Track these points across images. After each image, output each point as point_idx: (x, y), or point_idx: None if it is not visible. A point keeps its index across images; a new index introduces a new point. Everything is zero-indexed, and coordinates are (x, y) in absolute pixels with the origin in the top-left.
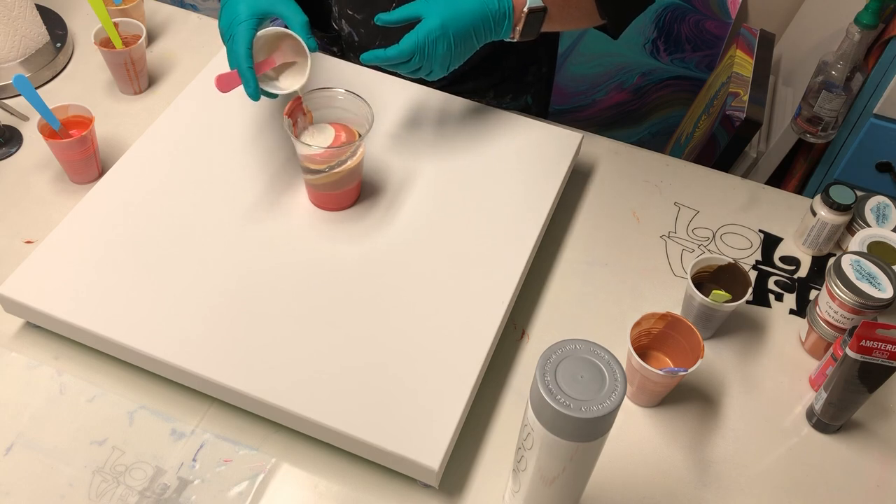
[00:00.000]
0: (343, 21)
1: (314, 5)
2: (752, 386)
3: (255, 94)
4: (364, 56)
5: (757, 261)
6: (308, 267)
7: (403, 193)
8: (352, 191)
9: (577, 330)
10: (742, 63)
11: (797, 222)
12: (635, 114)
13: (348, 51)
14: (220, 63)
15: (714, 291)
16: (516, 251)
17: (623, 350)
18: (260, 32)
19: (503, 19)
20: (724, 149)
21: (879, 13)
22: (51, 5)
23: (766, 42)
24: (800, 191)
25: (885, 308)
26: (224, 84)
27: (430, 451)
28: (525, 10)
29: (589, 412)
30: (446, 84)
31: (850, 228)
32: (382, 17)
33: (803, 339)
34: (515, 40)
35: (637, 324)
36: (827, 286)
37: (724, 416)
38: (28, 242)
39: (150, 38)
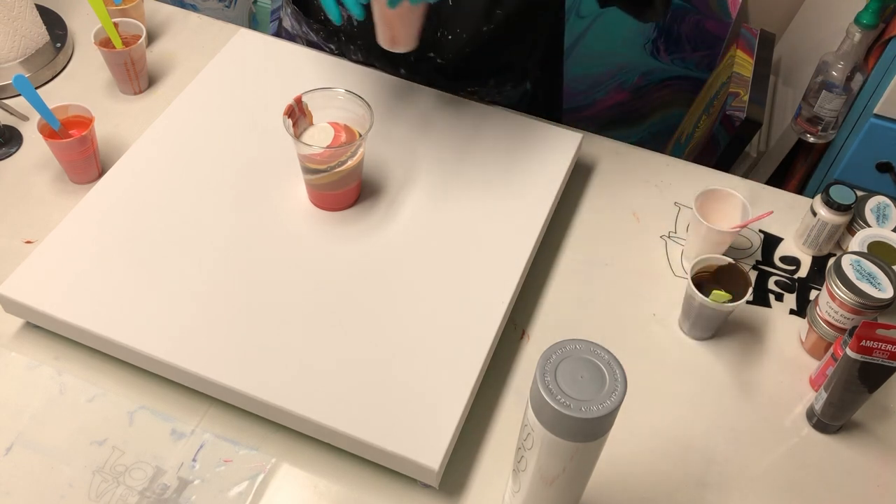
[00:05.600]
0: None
1: None
2: (752, 386)
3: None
4: None
5: (757, 261)
6: (308, 267)
7: (403, 193)
8: (352, 191)
9: (577, 330)
10: (742, 63)
11: (797, 222)
12: (635, 114)
13: (348, 42)
14: (219, 63)
15: (714, 291)
16: (516, 251)
17: (623, 351)
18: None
19: None
20: (724, 149)
21: (879, 13)
22: (51, 5)
23: (766, 42)
24: (800, 191)
25: (885, 308)
26: None
27: (430, 451)
28: None
29: (589, 412)
30: (446, 72)
31: (850, 228)
32: None
33: (803, 339)
34: None
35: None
36: (827, 286)
37: (724, 416)
38: (28, 242)
39: (150, 38)
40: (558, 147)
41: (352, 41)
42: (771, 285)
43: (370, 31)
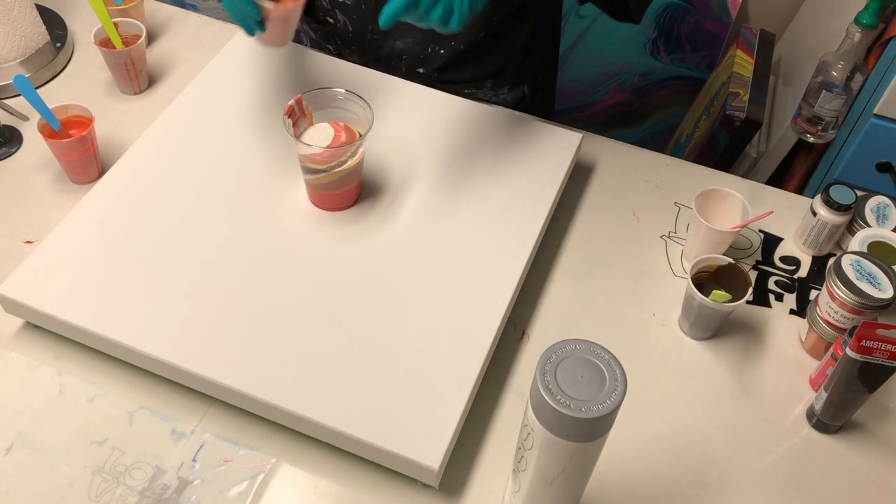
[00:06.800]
0: (336, 11)
1: None
2: (752, 386)
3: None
4: (383, 19)
5: (757, 261)
6: (308, 267)
7: (403, 193)
8: (352, 191)
9: (577, 330)
10: (742, 63)
11: (797, 222)
12: (635, 114)
13: (344, 46)
14: (219, 63)
15: (714, 291)
16: (516, 251)
17: (623, 351)
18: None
19: None
20: (724, 149)
21: (879, 13)
22: (51, 5)
23: (766, 42)
24: (800, 191)
25: (885, 308)
26: None
27: (430, 451)
28: None
29: (589, 412)
30: (443, 72)
31: (850, 228)
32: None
33: (803, 339)
34: None
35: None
36: (827, 286)
37: (724, 416)
38: (28, 242)
39: (150, 38)
40: (558, 147)
41: (347, 45)
42: (771, 285)
43: (364, 38)
